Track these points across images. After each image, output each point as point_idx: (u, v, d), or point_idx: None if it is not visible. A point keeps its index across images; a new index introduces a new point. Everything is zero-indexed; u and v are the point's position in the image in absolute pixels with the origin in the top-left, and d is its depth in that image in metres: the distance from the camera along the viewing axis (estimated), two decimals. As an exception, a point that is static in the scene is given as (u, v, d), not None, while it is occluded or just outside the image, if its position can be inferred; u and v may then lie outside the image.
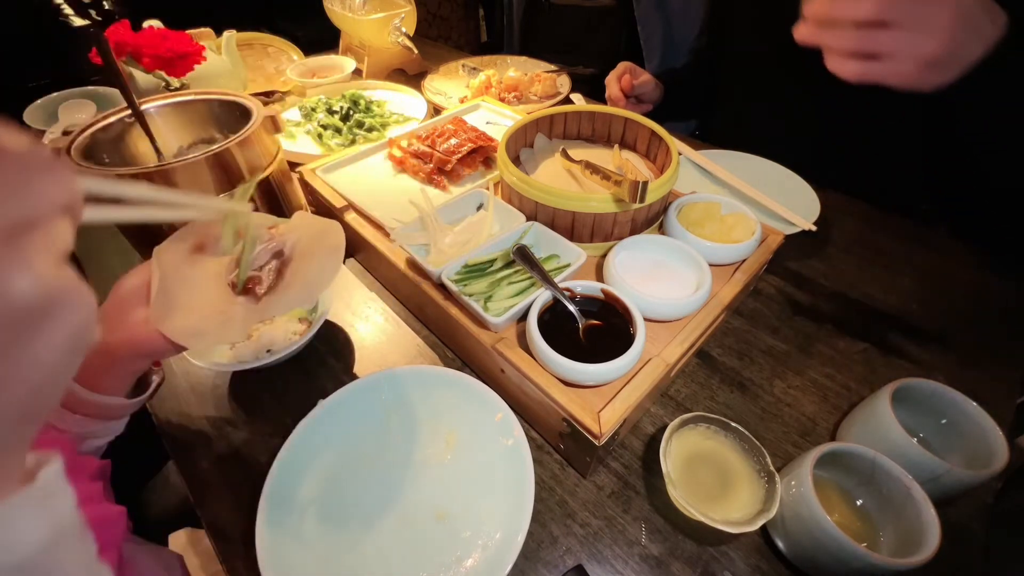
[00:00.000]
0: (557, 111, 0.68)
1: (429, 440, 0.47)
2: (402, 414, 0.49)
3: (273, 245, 0.42)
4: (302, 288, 0.39)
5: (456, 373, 0.49)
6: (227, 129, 0.66)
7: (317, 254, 0.41)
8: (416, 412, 0.49)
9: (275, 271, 0.41)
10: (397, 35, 1.05)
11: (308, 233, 0.43)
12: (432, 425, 0.48)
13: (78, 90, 0.98)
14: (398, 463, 0.46)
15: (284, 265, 0.41)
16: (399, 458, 0.46)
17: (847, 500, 0.41)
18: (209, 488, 0.45)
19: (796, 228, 0.65)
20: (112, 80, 0.54)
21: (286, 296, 0.39)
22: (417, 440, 0.47)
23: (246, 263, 0.40)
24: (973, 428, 0.42)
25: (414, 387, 0.50)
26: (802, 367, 0.54)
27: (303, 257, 0.41)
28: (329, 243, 0.42)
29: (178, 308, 0.37)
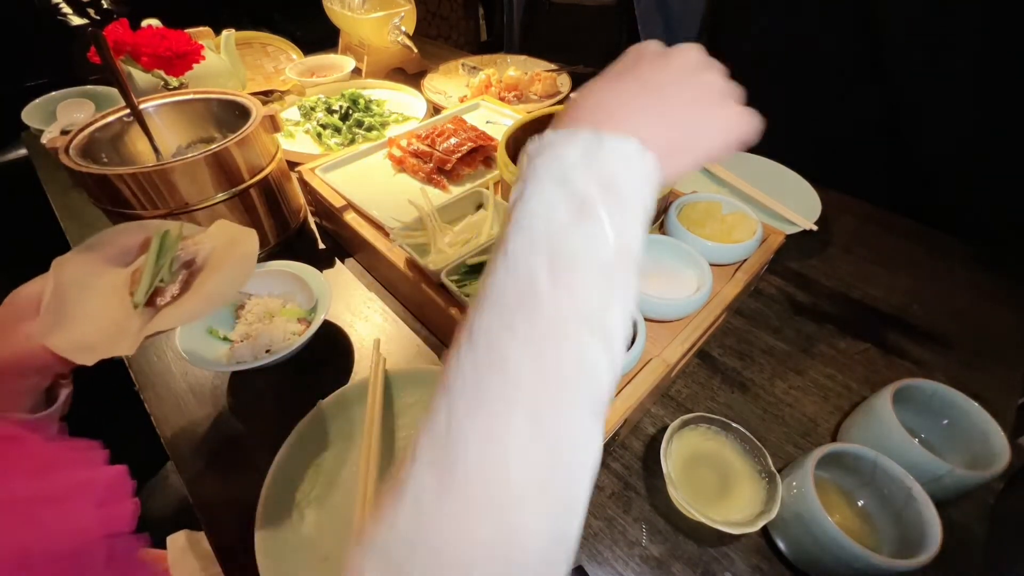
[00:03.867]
0: (557, 110, 0.67)
1: (429, 441, 0.47)
2: (402, 414, 0.49)
3: (185, 255, 0.40)
4: (201, 299, 0.37)
5: (456, 373, 0.49)
6: (226, 128, 0.66)
7: (226, 263, 0.39)
8: (416, 412, 0.49)
9: (182, 282, 0.39)
10: (397, 34, 1.05)
11: (222, 241, 0.41)
12: (432, 425, 0.48)
13: (76, 89, 0.98)
14: (398, 464, 0.45)
15: (192, 276, 0.39)
16: (399, 459, 0.46)
17: (848, 501, 0.41)
18: (208, 489, 0.45)
19: (797, 228, 0.65)
20: (111, 79, 0.54)
21: (182, 307, 0.37)
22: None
23: (149, 273, 0.38)
24: (974, 429, 0.42)
25: (414, 387, 0.50)
26: (803, 367, 0.54)
27: (212, 267, 0.40)
28: (239, 251, 0.40)
29: (69, 321, 0.35)
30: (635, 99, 0.26)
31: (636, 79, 0.27)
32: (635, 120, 0.25)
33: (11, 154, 1.52)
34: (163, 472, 0.70)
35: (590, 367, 0.21)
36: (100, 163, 0.56)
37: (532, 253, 0.22)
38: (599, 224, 0.22)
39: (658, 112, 0.25)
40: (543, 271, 0.21)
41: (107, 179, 0.50)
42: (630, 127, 0.24)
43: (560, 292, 0.21)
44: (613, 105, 0.26)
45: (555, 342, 0.21)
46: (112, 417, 0.67)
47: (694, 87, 0.27)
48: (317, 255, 0.71)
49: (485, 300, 0.22)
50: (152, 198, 0.52)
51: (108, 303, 0.37)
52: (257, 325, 0.54)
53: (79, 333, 0.35)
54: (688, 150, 0.26)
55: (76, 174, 0.51)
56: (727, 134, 0.27)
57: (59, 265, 0.38)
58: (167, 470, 0.70)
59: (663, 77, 0.27)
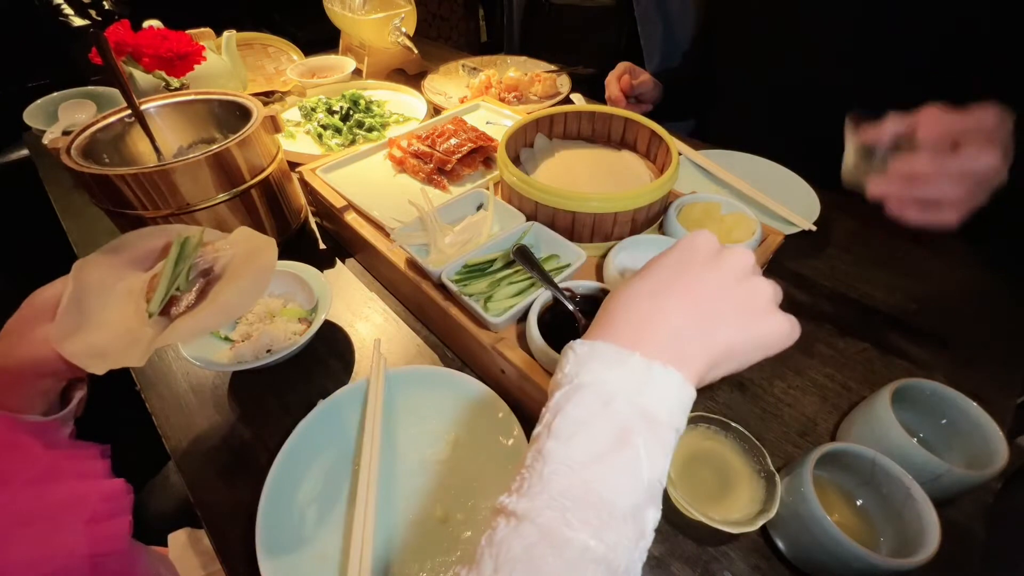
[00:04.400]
0: (557, 111, 0.68)
1: (429, 440, 0.47)
2: (402, 414, 0.49)
3: (203, 263, 0.39)
4: (216, 311, 0.36)
5: (456, 373, 0.49)
6: (227, 129, 0.66)
7: (244, 274, 0.38)
8: (416, 412, 0.49)
9: (199, 291, 0.38)
10: (397, 35, 1.05)
11: (242, 250, 0.40)
12: (432, 425, 0.48)
13: (78, 90, 0.98)
14: (398, 463, 0.46)
15: (209, 285, 0.38)
16: (399, 458, 0.46)
17: (847, 500, 0.41)
18: (209, 488, 0.45)
19: (796, 228, 0.65)
20: (112, 80, 0.54)
21: (194, 320, 0.36)
22: (417, 440, 0.47)
23: (165, 281, 0.37)
24: (973, 428, 0.42)
25: (414, 387, 0.50)
26: (802, 367, 0.54)
27: (229, 277, 0.39)
28: (258, 262, 0.39)
29: (84, 326, 0.35)
30: (685, 322, 0.27)
31: (688, 293, 0.28)
32: (684, 348, 0.27)
33: (13, 154, 1.52)
34: (164, 471, 0.70)
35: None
36: (101, 163, 0.56)
37: (569, 483, 0.23)
38: (635, 455, 0.24)
39: (706, 334, 0.27)
40: (574, 513, 0.22)
41: (108, 179, 0.50)
42: (677, 355, 0.26)
43: (585, 533, 0.22)
44: (664, 328, 0.27)
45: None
46: (113, 416, 0.67)
47: (744, 297, 0.28)
48: (318, 255, 0.71)
49: (523, 522, 0.22)
50: (153, 198, 0.52)
51: (124, 309, 0.37)
52: (258, 325, 0.54)
53: (93, 340, 0.34)
54: (730, 363, 0.28)
55: (77, 174, 0.51)
56: (767, 349, 0.28)
57: (80, 267, 0.37)
58: (168, 469, 0.70)
59: (714, 286, 0.28)
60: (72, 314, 0.35)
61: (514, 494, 0.23)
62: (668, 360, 0.26)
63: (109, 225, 0.59)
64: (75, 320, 0.35)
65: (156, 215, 0.54)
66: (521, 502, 0.23)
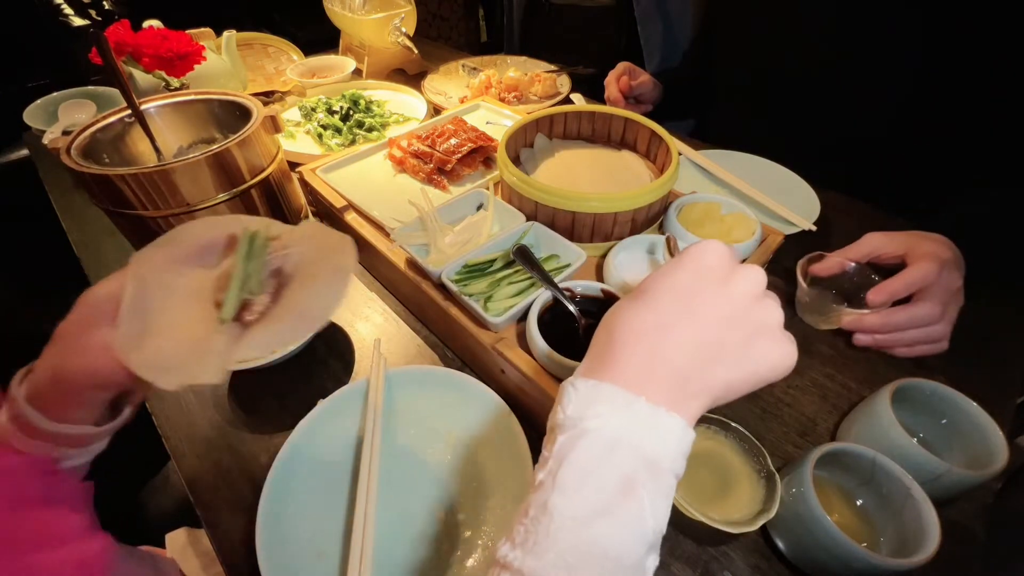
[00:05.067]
0: (557, 111, 0.68)
1: (429, 440, 0.47)
2: (402, 414, 0.49)
3: (274, 260, 0.35)
4: (298, 321, 0.32)
5: (456, 373, 0.49)
6: (227, 129, 0.66)
7: (320, 276, 0.34)
8: (416, 412, 0.49)
9: (271, 293, 0.34)
10: (397, 35, 1.05)
11: (314, 247, 0.36)
12: (432, 425, 0.48)
13: (78, 90, 0.98)
14: (398, 463, 0.46)
15: (281, 286, 0.34)
16: (399, 458, 0.46)
17: (847, 500, 0.41)
18: (209, 488, 0.45)
19: (796, 228, 0.65)
20: (112, 80, 0.54)
21: (275, 331, 0.32)
22: (417, 440, 0.47)
23: (237, 283, 0.33)
24: (973, 428, 0.42)
25: (414, 387, 0.50)
26: (802, 367, 0.54)
27: (304, 278, 0.34)
28: (334, 262, 0.35)
29: (149, 333, 0.31)
30: (691, 362, 0.26)
31: (696, 327, 0.27)
32: (687, 390, 0.26)
33: (13, 154, 1.52)
34: (164, 471, 0.70)
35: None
36: (101, 163, 0.56)
37: (575, 540, 0.22)
38: (640, 507, 0.23)
39: (709, 373, 0.26)
40: (582, 572, 0.22)
41: (108, 179, 0.50)
42: (681, 399, 0.25)
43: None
44: (670, 369, 0.26)
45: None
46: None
47: (754, 326, 0.27)
48: (318, 255, 0.71)
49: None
50: (153, 198, 0.52)
51: (190, 313, 0.33)
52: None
53: (161, 350, 0.31)
54: (727, 398, 0.27)
55: (77, 174, 0.51)
56: (766, 380, 0.27)
57: (137, 262, 0.33)
58: (168, 469, 0.70)
59: (724, 315, 0.27)
60: (135, 319, 0.31)
61: (518, 548, 0.23)
62: (672, 405, 0.25)
63: (109, 225, 0.59)
64: (139, 325, 0.31)
65: (156, 215, 0.54)
66: (528, 560, 0.22)
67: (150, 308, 0.32)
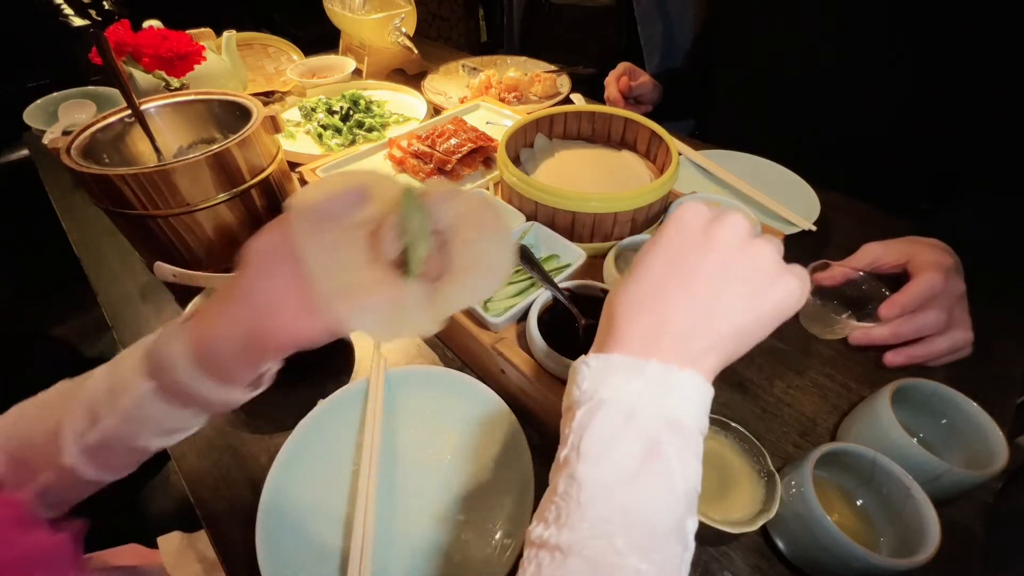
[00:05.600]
0: (557, 111, 0.68)
1: (429, 440, 0.47)
2: (402, 414, 0.49)
3: (433, 220, 0.33)
4: (486, 272, 0.32)
5: (456, 373, 0.49)
6: (227, 129, 0.66)
7: (484, 230, 0.33)
8: (416, 412, 0.49)
9: (438, 248, 0.33)
10: (397, 35, 1.05)
11: (461, 208, 0.34)
12: (432, 425, 0.48)
13: (78, 90, 0.98)
14: (398, 464, 0.46)
15: (444, 242, 0.33)
16: (399, 459, 0.46)
17: (847, 500, 0.41)
18: (209, 488, 0.45)
19: (796, 228, 0.65)
20: (112, 80, 0.54)
21: (468, 283, 0.31)
22: (417, 441, 0.47)
23: (416, 238, 0.31)
24: (973, 428, 0.42)
25: (414, 387, 0.50)
26: (802, 367, 0.54)
27: (468, 234, 0.33)
28: (490, 216, 0.34)
29: (344, 290, 0.30)
30: (692, 319, 0.26)
31: (688, 286, 0.27)
32: (695, 346, 0.26)
33: (13, 155, 1.53)
34: (164, 471, 0.70)
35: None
36: (101, 164, 0.56)
37: (608, 508, 0.22)
38: (668, 467, 0.23)
39: (714, 326, 0.26)
40: (619, 538, 0.22)
41: (108, 179, 0.50)
42: (691, 355, 0.26)
43: (634, 558, 0.21)
44: (673, 330, 0.26)
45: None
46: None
47: (747, 269, 0.27)
48: (318, 255, 0.71)
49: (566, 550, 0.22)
50: (153, 198, 0.52)
51: (370, 272, 0.31)
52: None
53: (364, 307, 0.30)
54: (744, 345, 0.28)
55: (77, 174, 0.51)
56: (780, 317, 0.28)
57: (297, 219, 0.30)
58: (168, 469, 0.70)
59: (713, 267, 0.27)
60: (325, 276, 0.29)
61: (552, 525, 0.23)
62: (684, 362, 0.25)
63: (109, 225, 0.59)
64: (330, 283, 0.29)
65: (156, 215, 0.54)
66: (563, 533, 0.22)
67: (330, 265, 0.30)
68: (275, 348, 0.30)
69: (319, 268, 0.29)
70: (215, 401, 0.31)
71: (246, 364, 0.31)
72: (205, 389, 0.30)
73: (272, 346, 0.30)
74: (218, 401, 0.31)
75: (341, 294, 0.29)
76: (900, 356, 0.52)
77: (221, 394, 0.31)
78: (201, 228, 0.57)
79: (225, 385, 0.30)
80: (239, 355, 0.30)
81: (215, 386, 0.30)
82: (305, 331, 0.30)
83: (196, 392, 0.30)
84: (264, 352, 0.30)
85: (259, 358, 0.31)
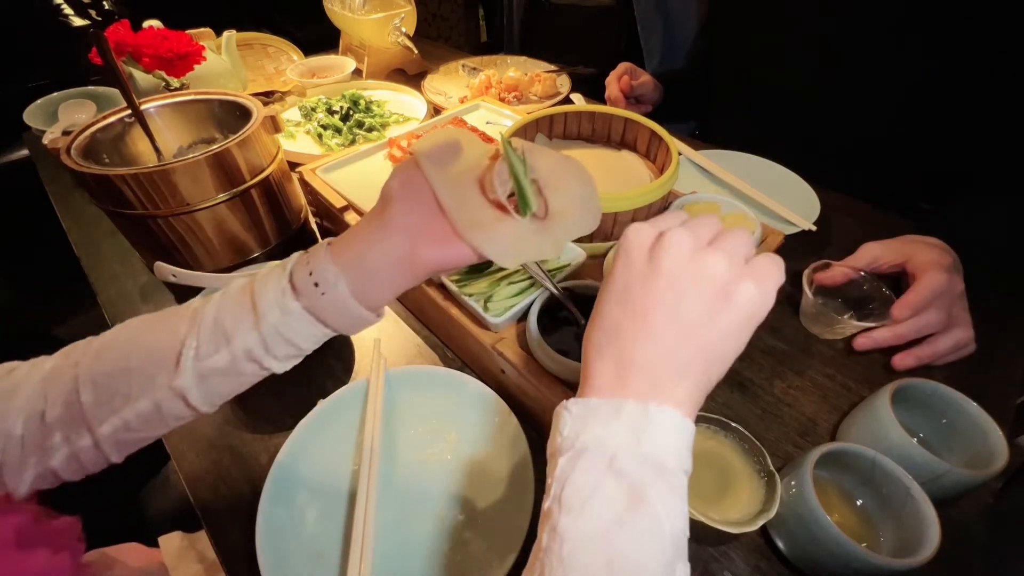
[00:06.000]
0: (557, 111, 0.68)
1: (429, 440, 0.47)
2: (402, 414, 0.49)
3: None
4: (584, 212, 0.35)
5: (456, 373, 0.49)
6: (227, 129, 0.66)
7: (572, 179, 0.37)
8: (416, 412, 0.49)
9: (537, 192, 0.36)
10: (397, 35, 1.05)
11: (549, 157, 0.38)
12: (432, 425, 0.48)
13: (78, 90, 0.98)
14: (398, 463, 0.46)
15: (541, 187, 0.36)
16: (399, 458, 0.46)
17: (847, 500, 0.41)
18: (209, 488, 0.45)
19: (796, 228, 0.65)
20: (112, 80, 0.54)
21: (574, 218, 0.35)
22: (417, 440, 0.47)
23: (524, 180, 0.34)
24: (973, 428, 0.42)
25: (414, 387, 0.50)
26: (802, 367, 0.54)
27: (559, 181, 0.36)
28: (574, 167, 0.37)
29: (471, 223, 0.33)
30: (654, 353, 0.26)
31: (641, 320, 0.26)
32: (665, 380, 0.25)
33: (13, 155, 1.53)
34: (164, 471, 0.70)
35: None
36: (101, 164, 0.56)
37: (592, 560, 0.21)
38: (653, 511, 0.22)
39: (677, 355, 0.26)
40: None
41: (108, 179, 0.50)
42: (663, 390, 0.25)
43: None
44: (639, 366, 0.26)
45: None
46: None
47: (699, 290, 0.26)
48: (318, 255, 0.71)
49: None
50: (153, 198, 0.52)
51: (489, 208, 0.34)
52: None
53: (495, 235, 0.33)
54: (719, 365, 0.26)
55: (77, 175, 0.51)
56: (750, 325, 0.26)
57: (425, 160, 0.34)
58: (168, 469, 0.70)
59: (661, 295, 0.26)
60: (459, 210, 0.33)
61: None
62: (657, 398, 0.25)
63: (109, 225, 0.59)
64: (466, 215, 0.33)
65: (156, 215, 0.54)
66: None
67: (461, 200, 0.33)
68: (424, 271, 0.33)
69: (453, 203, 0.33)
70: (354, 322, 0.34)
71: (394, 287, 0.34)
72: (352, 308, 0.32)
73: (421, 270, 0.33)
74: (357, 322, 0.34)
75: (473, 225, 0.33)
76: (909, 358, 0.52)
77: (362, 315, 0.33)
78: (201, 228, 0.57)
79: (368, 307, 0.33)
80: (391, 278, 0.33)
81: (364, 310, 0.33)
82: (451, 255, 0.33)
83: (343, 312, 0.32)
84: (415, 276, 0.34)
85: (407, 281, 0.34)
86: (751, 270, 0.27)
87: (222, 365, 0.31)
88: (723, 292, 0.26)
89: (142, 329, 0.33)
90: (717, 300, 0.26)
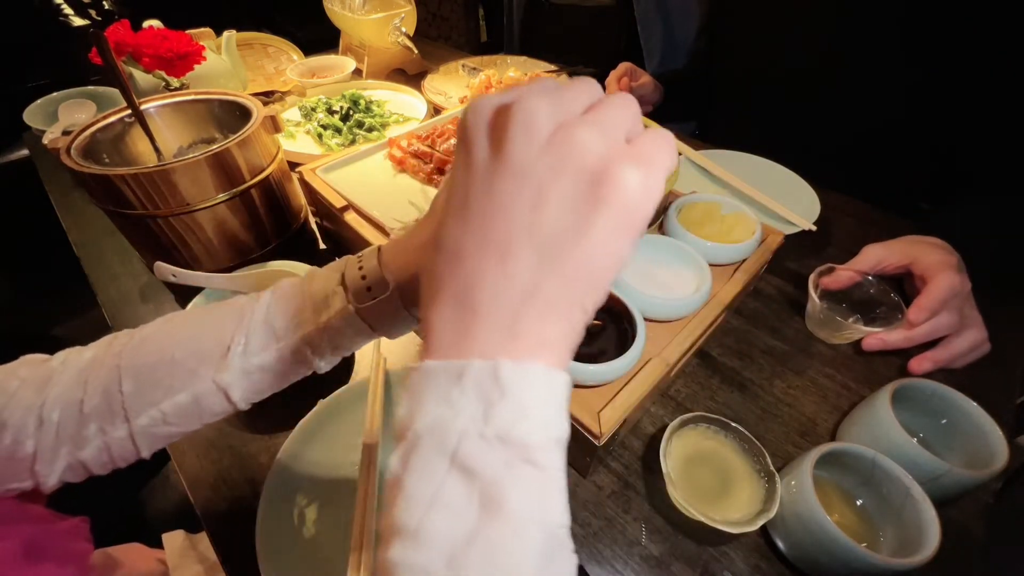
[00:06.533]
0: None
1: (429, 440, 0.47)
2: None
3: None
4: None
5: (456, 373, 0.49)
6: (227, 129, 0.66)
7: None
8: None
9: None
10: (397, 35, 1.05)
11: None
12: (432, 425, 0.48)
13: (78, 90, 0.98)
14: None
15: None
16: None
17: (847, 500, 0.41)
18: (209, 488, 0.45)
19: (796, 228, 0.65)
20: (112, 80, 0.54)
21: None
22: (417, 440, 0.47)
23: None
24: (973, 428, 0.42)
25: (414, 387, 0.50)
26: (802, 367, 0.54)
27: None
28: None
29: None
30: (504, 275, 0.19)
31: (482, 232, 0.19)
32: (522, 318, 0.18)
33: (12, 155, 1.53)
34: (164, 471, 0.70)
35: None
36: (101, 163, 0.56)
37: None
38: (514, 514, 0.17)
39: (538, 278, 0.19)
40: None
41: (108, 179, 0.50)
42: (519, 334, 0.18)
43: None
44: (485, 300, 0.19)
45: None
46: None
47: (559, 183, 0.18)
48: (317, 255, 0.71)
49: None
50: (153, 198, 0.52)
51: None
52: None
53: None
54: (598, 287, 0.20)
55: (77, 174, 0.51)
56: (625, 231, 0.19)
57: None
58: (168, 469, 0.70)
59: (509, 195, 0.19)
60: None
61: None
62: (513, 349, 0.18)
63: (109, 225, 0.59)
64: None
65: (156, 215, 0.54)
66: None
67: None
68: None
69: None
70: (401, 328, 0.33)
71: None
72: (401, 314, 0.32)
73: None
74: (403, 328, 0.33)
75: None
76: (926, 362, 0.51)
77: (409, 321, 0.33)
78: (201, 228, 0.57)
79: (414, 314, 0.32)
80: None
81: (407, 313, 0.32)
82: None
83: (392, 317, 0.32)
84: None
85: None
86: (633, 151, 0.19)
87: (268, 362, 0.31)
88: (595, 182, 0.18)
89: (187, 323, 0.33)
90: (588, 196, 0.18)
